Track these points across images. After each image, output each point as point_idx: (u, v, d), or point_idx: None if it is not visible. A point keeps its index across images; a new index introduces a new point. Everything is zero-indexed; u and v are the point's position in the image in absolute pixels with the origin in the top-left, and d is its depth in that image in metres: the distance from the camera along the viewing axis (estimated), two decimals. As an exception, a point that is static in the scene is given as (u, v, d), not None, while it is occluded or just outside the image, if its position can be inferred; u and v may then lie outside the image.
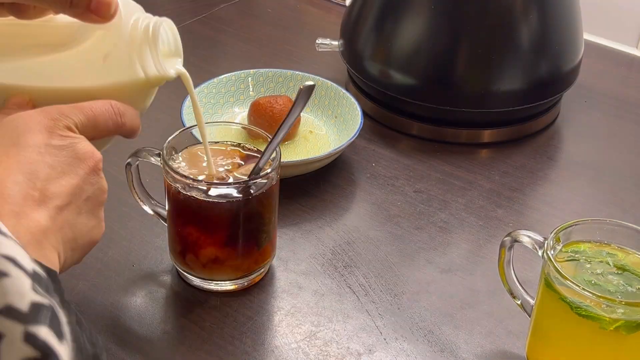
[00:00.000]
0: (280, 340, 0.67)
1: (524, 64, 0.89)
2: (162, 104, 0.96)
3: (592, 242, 0.63)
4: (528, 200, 0.85)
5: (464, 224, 0.81)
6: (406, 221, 0.81)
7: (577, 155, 0.93)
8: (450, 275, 0.75)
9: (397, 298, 0.72)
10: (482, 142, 0.93)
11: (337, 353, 0.66)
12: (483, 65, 0.89)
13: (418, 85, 0.91)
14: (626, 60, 1.13)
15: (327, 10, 1.22)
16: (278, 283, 0.73)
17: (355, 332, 0.68)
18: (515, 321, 0.69)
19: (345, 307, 0.70)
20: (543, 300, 0.63)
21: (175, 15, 1.17)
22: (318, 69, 1.02)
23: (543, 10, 0.89)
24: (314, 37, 1.02)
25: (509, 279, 0.67)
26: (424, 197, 0.84)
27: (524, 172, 0.89)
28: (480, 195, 0.85)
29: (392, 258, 0.76)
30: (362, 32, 0.94)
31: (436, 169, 0.88)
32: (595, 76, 1.07)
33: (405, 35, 0.90)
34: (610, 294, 0.59)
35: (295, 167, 0.83)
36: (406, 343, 0.67)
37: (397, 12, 0.90)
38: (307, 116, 0.93)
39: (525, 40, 0.89)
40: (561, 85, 0.94)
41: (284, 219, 0.80)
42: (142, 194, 0.74)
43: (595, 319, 0.58)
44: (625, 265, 0.61)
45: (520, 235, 0.65)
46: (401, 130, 0.94)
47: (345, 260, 0.75)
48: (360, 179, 0.86)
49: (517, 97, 0.91)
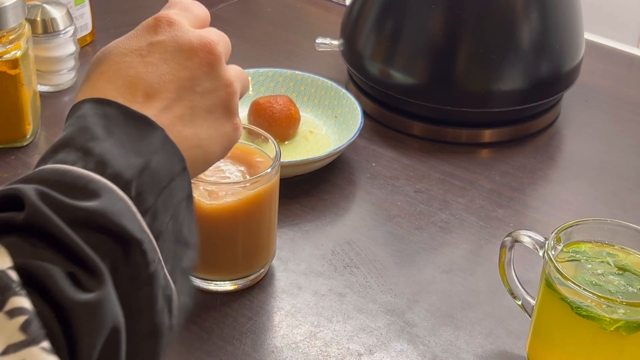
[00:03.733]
0: (280, 340, 0.67)
1: (525, 63, 0.89)
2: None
3: (593, 242, 0.63)
4: (529, 200, 0.85)
5: (464, 224, 0.81)
6: (406, 221, 0.80)
7: (577, 155, 0.93)
8: (451, 275, 0.74)
9: (398, 298, 0.71)
10: (483, 142, 0.93)
11: (337, 353, 0.66)
12: (483, 64, 0.88)
13: (418, 84, 0.90)
14: (627, 59, 1.13)
15: (327, 9, 1.22)
16: (278, 283, 0.73)
17: (356, 333, 0.68)
18: (516, 321, 0.69)
19: (346, 308, 0.70)
20: (544, 300, 0.62)
21: (175, 15, 1.17)
22: (318, 68, 1.02)
23: (544, 10, 0.89)
24: (314, 36, 1.01)
25: (509, 279, 0.67)
26: (424, 197, 0.84)
27: (524, 172, 0.89)
28: (480, 195, 0.85)
29: (392, 258, 0.76)
30: (363, 31, 0.94)
31: (436, 168, 0.88)
32: (596, 76, 1.06)
33: (406, 35, 0.90)
34: (611, 294, 0.59)
35: (295, 167, 0.83)
36: (406, 344, 0.67)
37: (398, 11, 0.90)
38: (307, 116, 0.93)
39: (525, 40, 0.88)
40: (562, 85, 0.94)
41: (284, 219, 0.79)
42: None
43: (595, 319, 0.58)
44: (626, 266, 0.61)
45: (520, 236, 0.64)
46: (401, 130, 0.94)
47: (345, 260, 0.75)
48: (360, 179, 0.86)
49: (518, 97, 0.90)
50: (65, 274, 0.39)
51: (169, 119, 0.49)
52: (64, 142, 0.45)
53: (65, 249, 0.40)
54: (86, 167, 0.43)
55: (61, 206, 0.41)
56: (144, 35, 0.51)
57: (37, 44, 0.94)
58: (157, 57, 0.50)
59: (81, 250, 0.40)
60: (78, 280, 0.40)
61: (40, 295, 0.39)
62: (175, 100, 0.50)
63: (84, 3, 1.05)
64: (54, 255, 0.40)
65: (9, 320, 0.37)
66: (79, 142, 0.45)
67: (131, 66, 0.49)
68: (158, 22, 0.52)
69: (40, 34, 0.95)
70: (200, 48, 0.51)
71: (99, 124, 0.46)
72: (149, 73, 0.49)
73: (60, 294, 0.39)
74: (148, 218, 0.44)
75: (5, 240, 0.40)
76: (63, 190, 0.42)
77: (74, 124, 0.46)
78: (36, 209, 0.40)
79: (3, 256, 0.39)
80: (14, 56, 0.83)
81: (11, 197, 0.41)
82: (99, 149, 0.44)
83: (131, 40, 0.51)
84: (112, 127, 0.46)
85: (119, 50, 0.51)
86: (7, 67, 0.83)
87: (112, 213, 0.42)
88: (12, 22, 0.81)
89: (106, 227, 0.42)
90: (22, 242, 0.40)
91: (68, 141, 0.45)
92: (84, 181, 0.42)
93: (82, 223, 0.41)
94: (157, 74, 0.50)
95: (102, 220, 0.41)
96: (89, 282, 0.40)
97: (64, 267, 0.40)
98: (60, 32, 0.96)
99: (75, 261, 0.40)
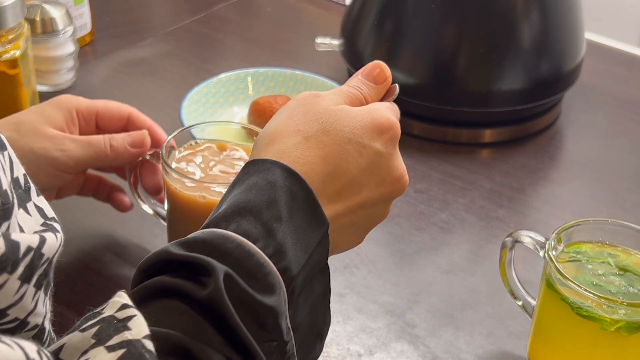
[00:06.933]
0: (279, 341, 0.67)
1: (525, 63, 0.89)
2: (161, 103, 0.96)
3: (593, 243, 0.63)
4: (529, 201, 0.85)
5: (464, 224, 0.80)
6: (407, 221, 0.80)
7: (578, 155, 0.93)
8: (451, 275, 0.74)
9: (398, 299, 0.71)
10: (483, 141, 0.93)
11: (338, 354, 0.66)
12: (484, 64, 0.88)
13: (419, 84, 0.90)
14: (628, 59, 1.13)
15: (327, 9, 1.21)
16: (278, 284, 0.72)
17: (356, 333, 0.68)
18: (517, 322, 0.69)
19: (346, 308, 0.70)
20: (544, 300, 0.62)
21: (173, 15, 1.17)
22: (318, 68, 1.02)
23: (544, 9, 0.89)
24: (314, 36, 1.01)
25: (510, 280, 0.67)
26: (424, 197, 0.84)
27: (525, 172, 0.89)
28: (481, 196, 0.84)
29: (392, 258, 0.76)
30: (363, 31, 0.93)
31: (437, 168, 0.88)
32: (596, 75, 1.06)
33: (406, 35, 0.90)
34: (611, 294, 0.58)
35: (295, 167, 0.82)
36: (407, 344, 0.67)
37: (398, 11, 0.90)
38: (307, 116, 0.93)
39: (526, 40, 0.88)
40: (562, 85, 0.93)
41: (283, 219, 0.79)
42: (142, 193, 0.73)
43: (596, 319, 0.58)
44: (627, 266, 0.61)
45: (521, 236, 0.64)
46: (402, 130, 0.93)
47: (345, 261, 0.75)
48: (360, 179, 0.86)
49: (519, 97, 0.90)
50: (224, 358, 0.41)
51: (336, 224, 0.50)
52: (252, 209, 0.46)
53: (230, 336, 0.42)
54: (266, 251, 0.45)
55: (244, 296, 0.43)
56: (371, 133, 0.52)
57: (36, 43, 0.93)
58: (367, 163, 0.51)
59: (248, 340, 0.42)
60: None
61: None
62: (351, 211, 0.51)
63: (83, 3, 1.05)
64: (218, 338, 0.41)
65: None
66: (265, 218, 0.46)
67: (347, 159, 0.50)
68: (389, 132, 0.53)
69: (40, 33, 0.95)
70: (397, 180, 0.53)
71: (286, 202, 0.47)
72: (354, 176, 0.51)
73: None
74: (291, 312, 0.46)
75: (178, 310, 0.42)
76: (247, 276, 0.44)
77: (264, 191, 0.47)
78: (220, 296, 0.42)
79: (140, 324, 0.39)
80: (13, 56, 0.82)
81: (200, 267, 0.43)
82: (280, 234, 0.46)
83: (359, 127, 0.51)
84: (294, 209, 0.47)
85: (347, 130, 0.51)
86: (6, 67, 0.82)
87: (279, 313, 0.44)
88: (11, 22, 0.81)
89: (269, 325, 0.44)
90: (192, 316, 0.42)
91: (256, 211, 0.46)
92: (265, 272, 0.44)
93: (255, 316, 0.43)
94: (357, 182, 0.51)
95: (270, 319, 0.44)
96: None
97: (224, 352, 0.41)
98: (60, 31, 0.96)
99: (237, 349, 0.42)
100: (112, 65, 1.04)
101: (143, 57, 1.06)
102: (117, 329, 0.39)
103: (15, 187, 0.42)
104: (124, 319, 0.39)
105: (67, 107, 0.68)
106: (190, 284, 0.42)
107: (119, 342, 0.38)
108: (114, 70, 1.03)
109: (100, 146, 0.67)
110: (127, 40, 1.09)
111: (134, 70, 1.03)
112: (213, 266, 0.43)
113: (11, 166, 0.42)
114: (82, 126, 0.69)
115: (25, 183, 0.43)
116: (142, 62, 1.05)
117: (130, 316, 0.40)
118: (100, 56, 1.06)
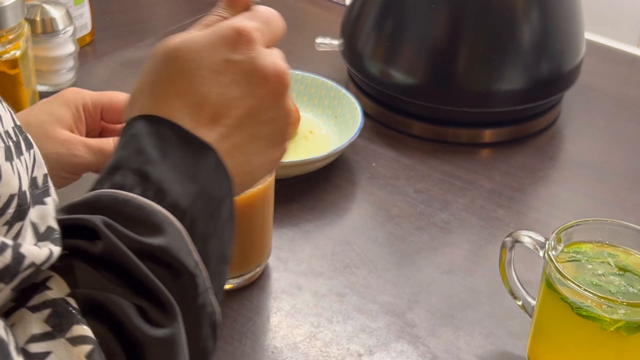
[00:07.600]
0: (279, 341, 0.67)
1: (525, 63, 0.89)
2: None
3: (593, 243, 0.63)
4: (529, 201, 0.85)
5: (464, 224, 0.80)
6: (406, 221, 0.80)
7: (578, 155, 0.93)
8: (451, 275, 0.74)
9: (398, 299, 0.71)
10: (483, 142, 0.93)
11: (337, 354, 0.66)
12: (484, 64, 0.88)
13: (419, 84, 0.90)
14: (628, 59, 1.13)
15: (327, 9, 1.21)
16: (277, 283, 0.72)
17: (356, 333, 0.68)
18: (517, 322, 0.69)
19: (346, 308, 0.70)
20: (544, 300, 0.62)
21: (173, 15, 1.17)
22: (318, 68, 1.02)
23: (544, 9, 0.89)
24: (314, 36, 1.01)
25: (510, 280, 0.67)
26: (424, 197, 0.84)
27: (525, 172, 0.89)
28: (481, 196, 0.84)
29: (392, 258, 0.76)
30: (363, 31, 0.94)
31: (437, 169, 0.88)
32: (596, 75, 1.06)
33: (406, 35, 0.90)
34: (611, 294, 0.58)
35: (295, 167, 0.83)
36: (406, 344, 0.67)
37: (398, 11, 0.90)
38: (307, 116, 0.93)
39: (526, 40, 0.88)
40: (562, 85, 0.93)
41: (283, 219, 0.79)
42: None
43: (596, 319, 0.58)
44: (627, 266, 0.61)
45: (521, 236, 0.64)
46: (402, 130, 0.94)
47: (345, 261, 0.75)
48: (360, 179, 0.86)
49: (518, 97, 0.90)
50: (135, 307, 0.40)
51: (228, 146, 0.49)
52: (120, 164, 0.45)
53: (137, 283, 0.40)
54: (145, 195, 0.43)
55: (128, 240, 0.41)
56: (220, 48, 0.49)
57: (36, 43, 0.93)
58: (229, 77, 0.49)
59: (154, 285, 0.41)
60: (148, 315, 0.40)
61: (107, 327, 0.39)
62: (237, 127, 0.49)
63: (84, 3, 1.05)
64: (124, 288, 0.40)
65: (73, 347, 0.37)
66: (135, 165, 0.45)
67: (204, 82, 0.48)
68: (238, 37, 0.50)
69: (40, 33, 0.95)
70: (272, 76, 0.50)
71: (154, 144, 0.46)
72: (219, 95, 0.49)
73: (132, 328, 0.39)
74: (199, 245, 0.44)
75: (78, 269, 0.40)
76: (126, 222, 0.42)
77: (128, 145, 0.46)
78: (112, 243, 0.41)
79: (60, 284, 0.39)
80: (13, 56, 0.82)
81: (81, 227, 0.42)
82: (156, 174, 0.44)
83: (206, 49, 0.49)
84: (166, 148, 0.46)
85: (192, 59, 0.49)
86: (7, 67, 0.82)
87: (173, 249, 0.42)
88: (11, 22, 0.81)
89: (167, 262, 0.42)
90: (94, 272, 0.40)
91: (124, 163, 0.45)
92: (145, 212, 0.43)
93: (148, 258, 0.42)
94: (226, 98, 0.49)
95: (165, 256, 0.42)
96: (160, 317, 0.40)
97: (134, 301, 0.40)
98: (60, 32, 0.96)
99: (146, 296, 0.40)
100: (112, 65, 1.04)
101: (143, 57, 1.06)
102: (37, 288, 0.38)
103: (32, 187, 0.42)
104: (43, 280, 0.39)
105: (75, 104, 0.67)
106: (82, 242, 0.41)
107: (42, 302, 0.38)
108: (114, 70, 1.03)
109: (112, 153, 0.66)
110: (127, 40, 1.09)
111: (134, 70, 1.03)
112: (94, 222, 0.41)
113: (33, 166, 0.42)
114: (88, 123, 0.68)
115: (43, 183, 0.43)
116: (142, 62, 1.04)
117: (48, 277, 0.39)
118: (100, 56, 1.06)
